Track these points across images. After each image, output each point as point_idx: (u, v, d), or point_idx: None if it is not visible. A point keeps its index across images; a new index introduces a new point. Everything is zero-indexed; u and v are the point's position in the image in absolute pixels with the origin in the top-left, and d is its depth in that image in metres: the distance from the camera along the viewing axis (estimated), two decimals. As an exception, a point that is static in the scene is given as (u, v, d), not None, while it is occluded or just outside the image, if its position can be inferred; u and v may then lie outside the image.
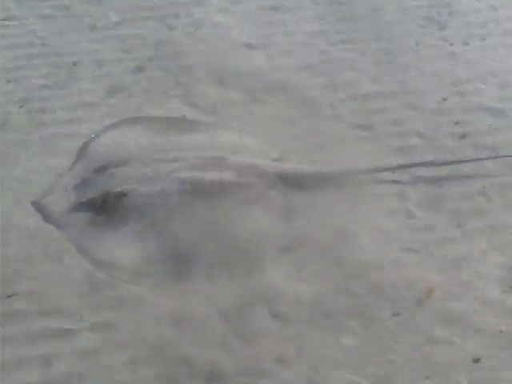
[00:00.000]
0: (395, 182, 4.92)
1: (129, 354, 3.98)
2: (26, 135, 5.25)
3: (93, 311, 4.17)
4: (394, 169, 4.92)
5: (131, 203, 4.55)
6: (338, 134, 5.30)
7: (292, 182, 4.82)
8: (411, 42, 6.16)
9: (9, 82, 5.71)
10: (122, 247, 4.41)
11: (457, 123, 5.38)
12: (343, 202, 4.76)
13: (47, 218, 4.56)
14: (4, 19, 6.35)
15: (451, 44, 6.16)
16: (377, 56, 6.03)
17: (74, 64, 5.91)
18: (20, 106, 5.47)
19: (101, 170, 4.76)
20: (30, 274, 4.36)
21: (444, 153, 5.14)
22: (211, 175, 4.69)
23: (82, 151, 5.04)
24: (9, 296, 4.21)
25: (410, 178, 4.95)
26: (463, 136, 5.27)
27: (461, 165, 5.00)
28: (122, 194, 4.55)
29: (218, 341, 4.04)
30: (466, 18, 6.48)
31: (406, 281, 4.34)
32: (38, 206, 4.62)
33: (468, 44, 6.16)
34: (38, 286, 4.29)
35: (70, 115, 5.43)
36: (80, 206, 4.56)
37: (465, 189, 4.91)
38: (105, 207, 4.53)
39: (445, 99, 5.60)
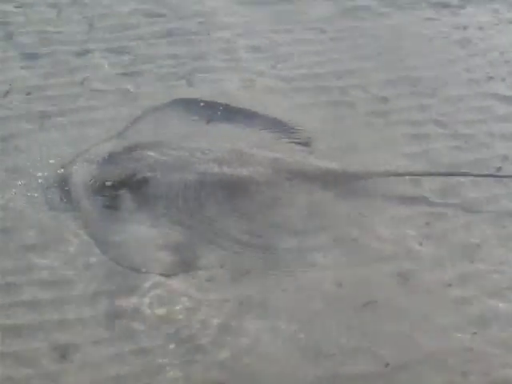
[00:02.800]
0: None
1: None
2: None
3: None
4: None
5: (152, 191, 4.49)
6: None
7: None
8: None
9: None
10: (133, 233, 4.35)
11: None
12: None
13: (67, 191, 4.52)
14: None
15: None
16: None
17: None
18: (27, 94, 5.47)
19: (131, 149, 4.73)
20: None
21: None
22: (233, 170, 4.63)
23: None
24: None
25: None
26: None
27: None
28: (144, 181, 4.51)
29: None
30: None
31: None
32: (60, 176, 4.61)
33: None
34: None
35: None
36: (101, 188, 4.50)
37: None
38: (124, 191, 4.49)
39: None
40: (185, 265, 4.23)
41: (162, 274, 4.16)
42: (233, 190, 4.57)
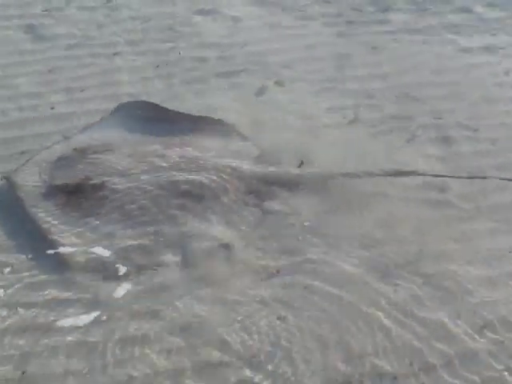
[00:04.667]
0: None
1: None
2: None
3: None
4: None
5: (106, 195, 4.28)
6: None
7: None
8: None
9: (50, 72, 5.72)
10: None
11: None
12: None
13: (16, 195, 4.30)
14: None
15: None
16: None
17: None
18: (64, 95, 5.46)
19: (81, 151, 4.53)
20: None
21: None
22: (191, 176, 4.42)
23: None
24: None
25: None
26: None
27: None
28: (100, 186, 4.31)
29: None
30: None
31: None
32: (8, 181, 4.39)
33: None
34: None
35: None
36: (53, 189, 4.30)
37: None
38: (79, 195, 4.27)
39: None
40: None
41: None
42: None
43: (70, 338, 3.59)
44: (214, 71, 5.73)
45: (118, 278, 3.91)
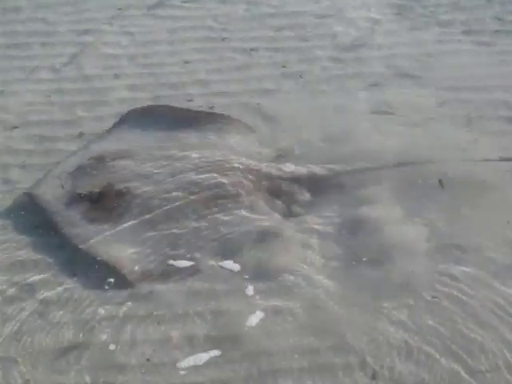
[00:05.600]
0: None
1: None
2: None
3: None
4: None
5: (132, 201, 4.22)
6: None
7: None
8: None
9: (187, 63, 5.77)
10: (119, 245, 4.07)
11: None
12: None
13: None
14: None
15: None
16: None
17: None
18: (198, 88, 5.49)
19: (99, 159, 4.47)
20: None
21: None
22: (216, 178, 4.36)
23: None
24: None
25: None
26: None
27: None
28: (124, 192, 4.25)
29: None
30: None
31: None
32: (31, 197, 4.34)
33: None
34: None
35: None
36: (77, 198, 4.24)
37: None
38: (103, 202, 4.22)
39: None
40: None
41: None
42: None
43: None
44: (351, 72, 5.65)
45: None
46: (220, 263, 4.02)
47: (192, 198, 4.24)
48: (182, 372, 3.48)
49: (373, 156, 4.55)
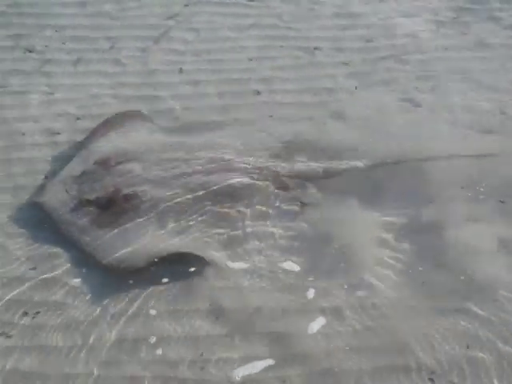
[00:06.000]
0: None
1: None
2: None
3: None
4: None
5: (141, 205, 4.12)
6: None
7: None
8: None
9: (251, 60, 5.79)
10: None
11: None
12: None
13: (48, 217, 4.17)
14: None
15: None
16: None
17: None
18: (261, 85, 5.50)
19: (103, 163, 4.36)
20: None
21: None
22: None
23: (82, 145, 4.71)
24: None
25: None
26: None
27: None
28: (134, 196, 4.14)
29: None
30: None
31: None
32: (37, 205, 4.24)
33: None
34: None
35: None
36: (84, 204, 4.13)
37: None
38: (112, 207, 4.11)
39: None
40: None
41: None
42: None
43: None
44: (414, 73, 5.61)
45: None
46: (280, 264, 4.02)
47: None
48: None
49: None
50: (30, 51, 5.87)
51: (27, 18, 6.24)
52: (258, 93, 5.39)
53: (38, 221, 4.22)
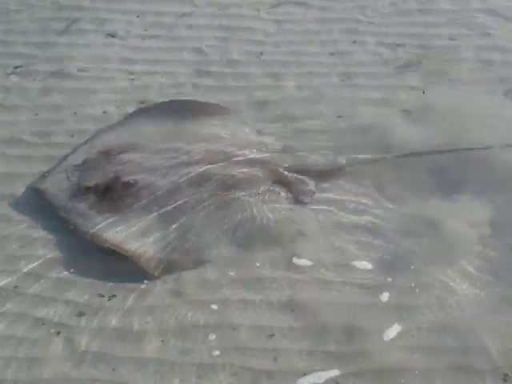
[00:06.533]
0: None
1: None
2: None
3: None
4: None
5: (139, 193, 4.19)
6: None
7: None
8: None
9: (332, 54, 5.74)
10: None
11: None
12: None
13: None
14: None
15: None
16: None
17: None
18: (341, 80, 5.46)
19: (106, 152, 4.45)
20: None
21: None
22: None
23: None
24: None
25: None
26: None
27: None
28: (132, 183, 4.22)
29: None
30: None
31: None
32: (38, 191, 4.36)
33: None
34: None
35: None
36: (84, 190, 4.22)
37: None
38: (110, 193, 4.19)
39: None
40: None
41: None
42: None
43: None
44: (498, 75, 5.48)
45: None
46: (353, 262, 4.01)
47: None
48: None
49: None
50: (113, 36, 5.97)
51: (111, 3, 6.35)
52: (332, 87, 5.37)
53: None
